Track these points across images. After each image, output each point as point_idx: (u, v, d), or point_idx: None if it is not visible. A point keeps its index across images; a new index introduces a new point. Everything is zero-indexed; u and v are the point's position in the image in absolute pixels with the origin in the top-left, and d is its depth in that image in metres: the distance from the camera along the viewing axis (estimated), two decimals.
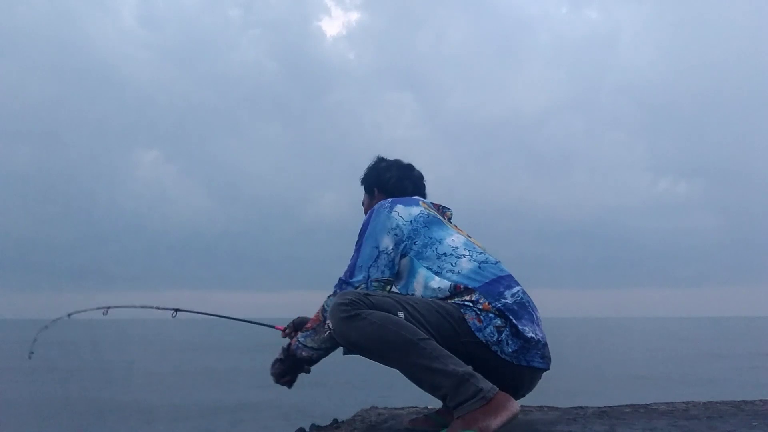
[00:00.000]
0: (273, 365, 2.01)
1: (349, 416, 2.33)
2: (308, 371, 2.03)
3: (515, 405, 1.61)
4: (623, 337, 45.07)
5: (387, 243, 1.90)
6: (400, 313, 1.70)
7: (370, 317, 1.66)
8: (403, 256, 1.92)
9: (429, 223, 1.93)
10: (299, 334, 1.95)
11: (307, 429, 2.29)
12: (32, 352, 2.56)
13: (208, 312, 2.36)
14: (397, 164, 2.23)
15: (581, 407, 2.32)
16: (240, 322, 2.59)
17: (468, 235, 2.02)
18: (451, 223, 2.06)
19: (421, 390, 1.72)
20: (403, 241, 1.91)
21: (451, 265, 1.85)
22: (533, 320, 1.82)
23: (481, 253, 1.91)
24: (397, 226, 1.92)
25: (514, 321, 1.75)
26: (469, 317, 1.75)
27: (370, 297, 1.73)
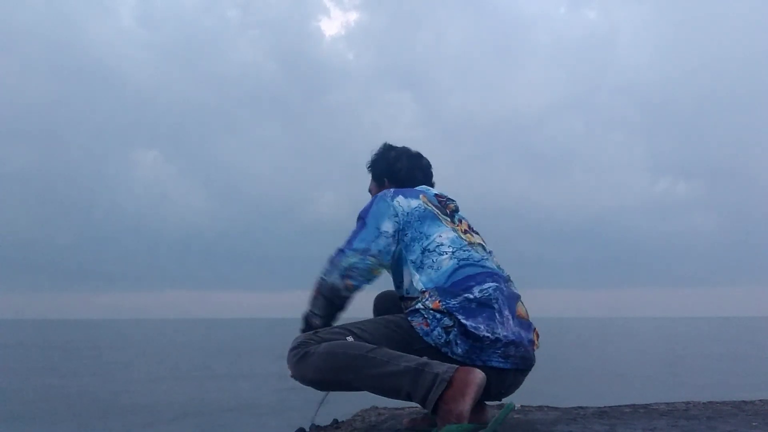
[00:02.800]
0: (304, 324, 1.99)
1: (349, 416, 2.33)
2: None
3: (478, 375, 1.57)
4: (623, 337, 45.05)
5: (388, 227, 1.92)
6: (349, 338, 1.72)
7: (317, 350, 1.69)
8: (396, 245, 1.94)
9: (423, 217, 1.94)
10: (309, 302, 1.96)
11: (307, 429, 2.29)
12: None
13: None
14: (407, 153, 2.22)
15: (581, 407, 2.33)
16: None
17: (467, 229, 2.02)
18: (453, 215, 2.05)
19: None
20: (400, 230, 1.93)
21: (432, 261, 1.85)
22: (497, 318, 1.77)
23: (466, 251, 1.89)
24: (397, 214, 1.94)
25: (462, 320, 1.71)
26: (416, 323, 1.76)
27: (318, 333, 1.77)
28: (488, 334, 1.72)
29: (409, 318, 1.78)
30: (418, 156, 2.23)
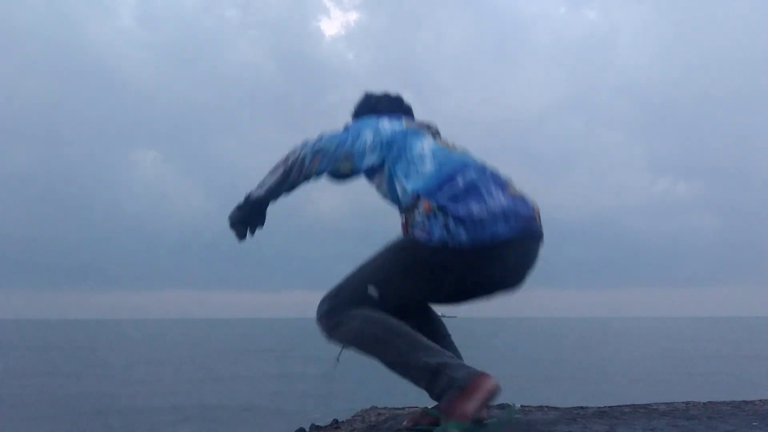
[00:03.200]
0: (231, 212, 2.04)
1: (349, 416, 2.33)
2: (251, 233, 2.05)
3: (491, 382, 1.60)
4: (623, 337, 45.08)
5: (368, 135, 1.98)
6: (371, 288, 1.79)
7: (348, 324, 1.77)
8: (381, 163, 1.99)
9: (407, 134, 2.01)
10: (264, 177, 2.01)
11: (307, 429, 2.29)
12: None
13: None
14: (387, 97, 2.31)
15: (581, 407, 2.33)
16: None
17: (451, 145, 2.07)
18: (435, 135, 2.12)
19: (420, 389, 1.72)
20: (382, 143, 1.99)
21: (417, 167, 1.91)
22: (485, 197, 1.79)
23: (447, 153, 1.96)
24: (380, 129, 2.01)
25: (453, 210, 1.76)
26: (417, 235, 1.81)
27: (340, 294, 1.83)
28: (483, 213, 1.75)
29: (413, 232, 1.83)
30: (399, 99, 2.32)
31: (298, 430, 2.29)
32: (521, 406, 2.37)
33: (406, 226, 1.91)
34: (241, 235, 2.04)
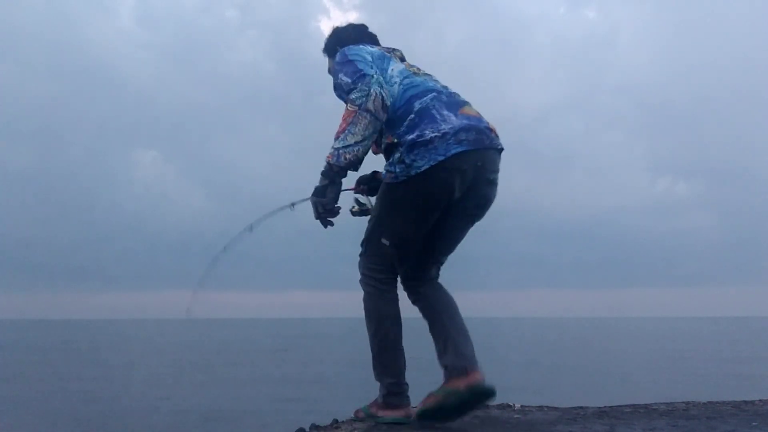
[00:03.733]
0: (320, 193, 1.98)
1: (349, 416, 2.33)
2: (334, 211, 2.03)
3: (395, 414, 2.02)
4: (623, 337, 45.05)
5: (367, 55, 2.06)
6: (385, 240, 2.00)
7: (367, 300, 2.06)
8: None
9: (380, 57, 2.09)
10: (336, 141, 1.92)
11: (307, 429, 2.29)
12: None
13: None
14: (353, 26, 2.39)
15: (581, 407, 2.33)
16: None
17: (416, 69, 2.14)
18: (401, 60, 2.19)
19: (420, 390, 1.94)
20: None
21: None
22: (438, 119, 1.93)
23: (411, 77, 2.05)
24: (368, 50, 2.10)
25: (407, 138, 1.92)
26: (387, 179, 2.00)
27: (367, 251, 2.07)
28: (434, 134, 1.89)
29: (384, 180, 2.02)
30: (364, 26, 2.39)
31: (298, 430, 2.28)
32: (521, 406, 2.37)
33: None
34: (329, 223, 2.03)
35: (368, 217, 2.16)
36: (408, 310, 2.13)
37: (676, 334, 49.27)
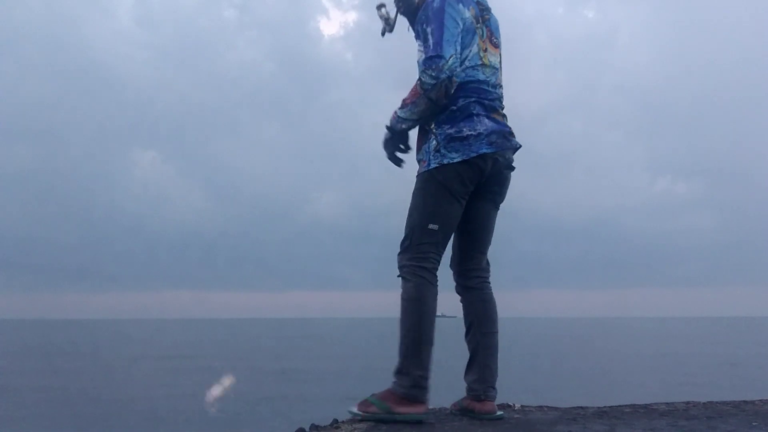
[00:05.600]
0: (386, 145, 2.23)
1: (349, 416, 2.33)
2: (406, 149, 2.24)
3: (417, 410, 2.00)
4: (623, 337, 45.09)
5: (459, 28, 2.10)
6: (433, 226, 2.08)
7: (406, 290, 2.08)
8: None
9: (468, 31, 2.13)
10: (397, 110, 2.15)
11: (307, 429, 2.29)
12: None
13: None
14: None
15: (581, 407, 2.33)
16: None
17: (488, 45, 2.20)
18: (484, 28, 2.21)
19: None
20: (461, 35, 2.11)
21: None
22: (475, 120, 2.09)
23: (475, 69, 2.14)
24: (463, 18, 2.11)
25: (445, 130, 2.08)
26: (422, 167, 2.13)
27: (413, 238, 2.10)
28: (471, 132, 2.08)
29: (419, 170, 2.15)
30: None
31: (298, 430, 2.28)
32: (521, 406, 2.38)
33: (418, 142, 2.19)
34: (398, 161, 2.23)
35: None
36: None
37: (676, 334, 49.31)
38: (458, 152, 2.07)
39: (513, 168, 2.25)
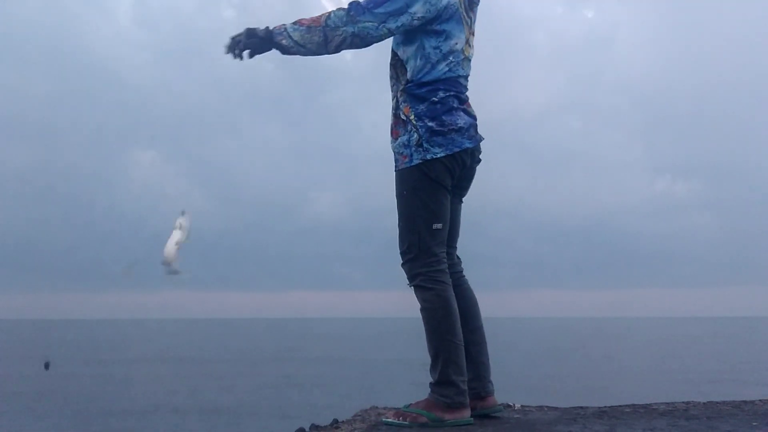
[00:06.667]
0: (246, 34, 1.99)
1: (349, 416, 2.33)
2: (251, 55, 2.03)
3: (463, 415, 1.97)
4: (623, 337, 45.10)
5: (418, 9, 1.95)
6: (437, 225, 2.05)
7: (425, 297, 2.02)
8: (417, 28, 2.01)
9: (452, 16, 2.04)
10: (288, 24, 1.97)
11: (307, 429, 2.29)
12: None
13: None
14: None
15: (581, 407, 2.33)
16: None
17: (468, 48, 2.13)
18: (471, 17, 2.14)
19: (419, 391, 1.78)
20: (429, 20, 1.99)
21: (435, 59, 2.04)
22: (455, 113, 2.06)
23: (457, 64, 2.07)
24: (433, 3, 1.97)
25: (427, 123, 2.03)
26: (400, 165, 2.07)
27: (419, 244, 2.03)
28: (452, 126, 2.04)
29: (396, 167, 2.09)
30: None
31: (298, 430, 2.28)
32: (521, 406, 2.37)
33: (394, 130, 2.10)
34: (244, 56, 2.02)
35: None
36: (405, 310, 2.14)
37: (676, 334, 49.32)
38: (441, 147, 2.04)
39: (480, 161, 2.22)
